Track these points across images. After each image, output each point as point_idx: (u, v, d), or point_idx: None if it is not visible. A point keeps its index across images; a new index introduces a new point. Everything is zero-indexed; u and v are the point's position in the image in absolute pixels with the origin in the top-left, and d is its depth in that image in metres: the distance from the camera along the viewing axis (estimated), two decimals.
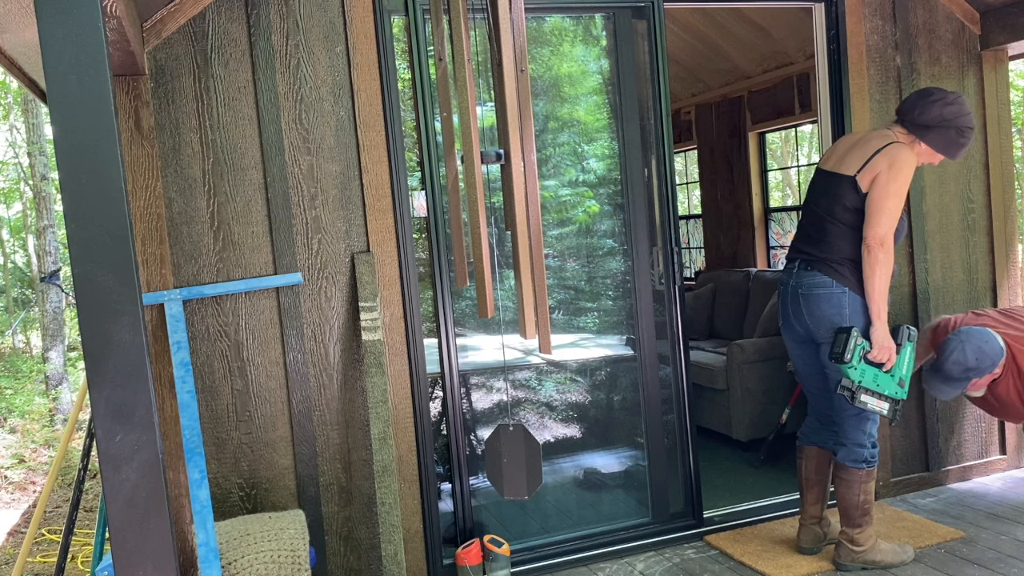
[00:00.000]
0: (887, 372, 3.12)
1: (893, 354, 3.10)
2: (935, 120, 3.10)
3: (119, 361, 1.35)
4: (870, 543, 3.27)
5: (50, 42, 1.32)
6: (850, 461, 3.22)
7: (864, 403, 3.09)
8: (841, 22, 3.88)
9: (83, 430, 5.36)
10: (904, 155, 3.05)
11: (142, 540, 1.36)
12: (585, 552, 3.58)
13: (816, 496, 3.45)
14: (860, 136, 3.25)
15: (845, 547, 3.29)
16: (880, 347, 3.07)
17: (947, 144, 3.14)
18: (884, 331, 3.07)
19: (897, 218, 3.05)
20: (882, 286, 3.03)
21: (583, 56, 3.90)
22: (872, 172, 3.05)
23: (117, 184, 1.35)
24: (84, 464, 3.39)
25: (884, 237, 3.00)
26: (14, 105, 11.14)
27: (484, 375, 3.76)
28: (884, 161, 3.04)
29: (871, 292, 3.04)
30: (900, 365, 3.14)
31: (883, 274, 3.02)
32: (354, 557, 3.26)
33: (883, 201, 3.01)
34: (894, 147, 3.07)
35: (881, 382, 3.10)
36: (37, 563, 4.59)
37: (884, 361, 3.09)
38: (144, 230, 2.96)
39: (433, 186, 3.33)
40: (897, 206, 3.03)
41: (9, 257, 13.10)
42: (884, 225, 3.00)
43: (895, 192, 3.01)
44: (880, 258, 3.00)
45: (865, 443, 3.21)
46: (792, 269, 3.26)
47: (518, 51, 2.04)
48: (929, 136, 3.13)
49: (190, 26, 3.02)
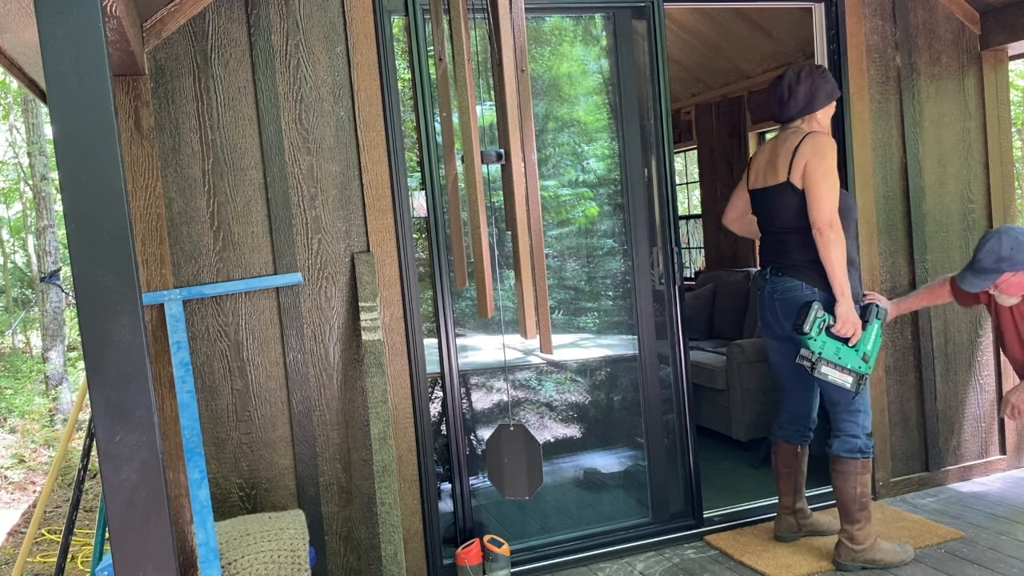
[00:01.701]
0: (852, 347, 3.19)
1: (859, 329, 3.17)
2: (808, 92, 3.26)
3: (119, 361, 1.35)
4: (870, 542, 3.28)
5: (50, 42, 1.32)
6: (844, 451, 3.26)
7: (825, 375, 3.18)
8: (841, 22, 3.88)
9: (83, 430, 5.37)
10: (821, 139, 3.19)
11: (142, 540, 1.36)
12: (585, 552, 3.58)
13: (787, 487, 3.56)
14: (770, 146, 3.36)
15: (845, 546, 3.30)
16: (844, 322, 3.15)
17: (830, 91, 3.29)
18: (848, 307, 3.15)
19: (835, 198, 3.15)
20: (841, 264, 3.12)
21: (583, 56, 3.90)
22: (800, 166, 3.18)
23: (117, 184, 1.35)
24: (84, 464, 3.39)
25: (831, 218, 3.11)
26: (14, 105, 11.14)
27: (484, 375, 3.76)
28: (807, 150, 3.17)
29: (831, 271, 3.13)
30: (865, 340, 3.21)
31: (838, 253, 3.11)
32: (354, 557, 3.26)
33: (819, 185, 3.13)
34: (810, 136, 3.21)
35: (843, 355, 3.18)
36: (37, 563, 4.59)
37: (849, 336, 3.17)
38: (144, 230, 2.96)
39: (433, 186, 3.33)
40: (832, 187, 3.14)
41: (9, 257, 13.10)
42: (826, 207, 3.12)
43: (826, 173, 3.13)
44: (831, 238, 3.11)
45: (858, 434, 3.26)
46: (766, 275, 3.39)
47: (518, 51, 2.04)
48: (818, 101, 3.26)
49: (190, 26, 3.02)
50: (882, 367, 4.00)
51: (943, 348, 4.12)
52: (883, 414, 4.01)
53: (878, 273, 3.98)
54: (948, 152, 4.09)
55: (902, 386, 4.05)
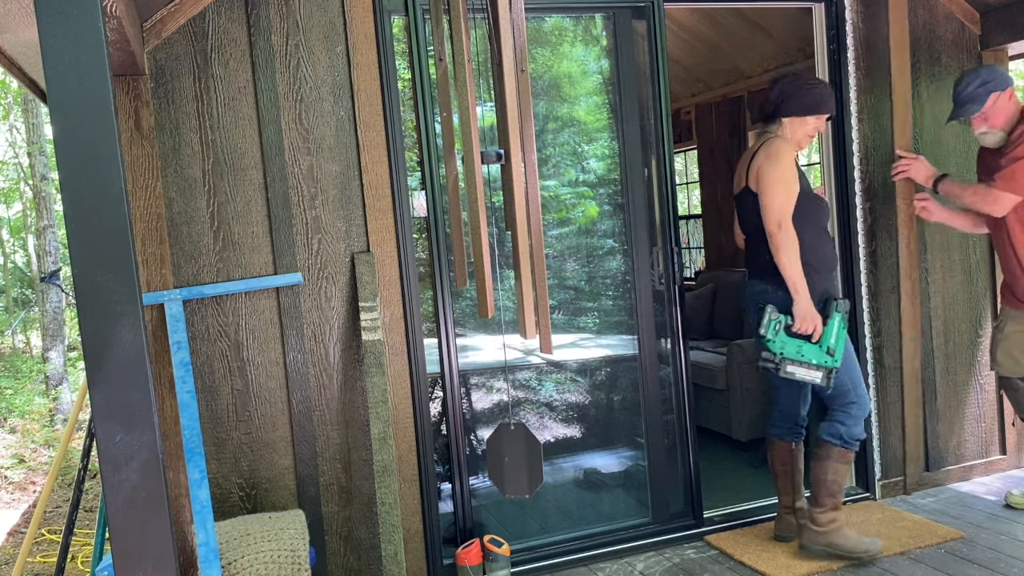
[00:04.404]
0: (815, 343, 3.22)
1: (819, 326, 3.21)
2: (777, 96, 3.31)
3: (119, 361, 1.34)
4: (832, 526, 3.34)
5: (50, 42, 1.32)
6: (827, 434, 3.34)
7: (791, 373, 3.23)
8: (841, 22, 3.88)
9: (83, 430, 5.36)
10: (776, 144, 3.27)
11: (142, 540, 1.36)
12: (585, 552, 3.58)
13: (784, 486, 3.59)
14: (746, 153, 3.46)
15: (807, 527, 3.40)
16: (802, 319, 3.19)
17: (805, 104, 3.29)
18: (805, 305, 3.19)
19: (786, 201, 3.21)
20: (794, 263, 3.18)
21: (583, 56, 3.90)
22: (755, 171, 3.27)
23: (117, 184, 1.35)
24: (84, 464, 3.39)
25: (779, 220, 3.18)
26: (14, 105, 11.14)
27: (484, 375, 3.76)
28: (762, 155, 3.28)
29: (784, 271, 3.19)
30: (828, 335, 3.23)
31: (788, 254, 3.18)
32: (354, 557, 3.26)
33: (768, 189, 3.21)
34: (767, 142, 3.30)
35: (806, 352, 3.22)
36: (37, 563, 4.59)
37: (809, 333, 3.20)
38: (144, 230, 2.96)
39: (433, 186, 3.33)
40: (785, 190, 3.20)
41: (9, 257, 13.10)
42: (774, 210, 3.19)
43: (777, 178, 3.20)
44: (780, 239, 3.18)
45: (846, 422, 3.31)
46: (745, 280, 3.50)
47: (518, 51, 2.04)
48: (788, 108, 3.29)
49: (190, 26, 3.01)
50: (883, 367, 4.00)
51: (943, 348, 4.12)
52: (883, 414, 4.01)
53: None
54: (948, 152, 4.09)
55: (902, 386, 4.05)
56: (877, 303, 3.99)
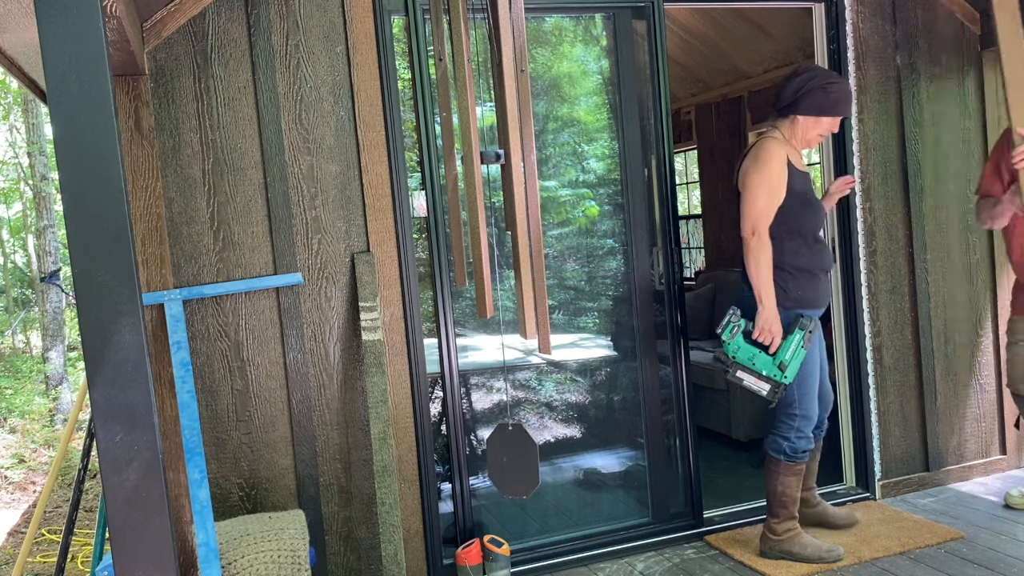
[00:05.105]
0: (771, 355, 3.19)
1: (777, 338, 3.17)
2: (794, 91, 3.21)
3: (119, 361, 1.35)
4: (788, 535, 3.37)
5: (50, 42, 1.32)
6: (771, 450, 3.36)
7: (739, 379, 3.21)
8: (841, 22, 3.88)
9: (83, 430, 5.36)
10: (766, 145, 3.20)
11: (142, 540, 1.36)
12: (585, 552, 3.58)
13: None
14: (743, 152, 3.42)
15: (765, 535, 3.44)
16: (761, 328, 3.16)
17: (820, 105, 3.20)
18: (768, 315, 3.15)
19: (765, 206, 3.14)
20: (762, 272, 3.14)
21: (583, 56, 3.90)
22: (742, 172, 3.24)
23: (117, 184, 1.35)
24: (84, 464, 3.39)
25: (753, 225, 3.15)
26: (14, 105, 11.14)
27: (484, 375, 3.76)
28: (749, 157, 3.23)
29: (753, 278, 3.16)
30: (784, 350, 3.18)
31: (760, 261, 3.14)
32: (354, 557, 3.26)
33: (748, 192, 3.17)
34: (758, 143, 3.24)
35: (758, 362, 3.19)
36: (37, 563, 4.59)
37: (767, 343, 3.18)
38: (144, 230, 2.96)
39: (433, 186, 3.33)
40: (766, 194, 3.14)
41: (9, 257, 13.10)
42: (751, 216, 3.15)
43: (759, 182, 3.15)
44: (752, 246, 3.15)
45: (789, 436, 3.31)
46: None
47: (518, 51, 2.04)
48: (800, 107, 3.21)
49: (190, 26, 3.01)
50: (883, 367, 4.00)
51: (943, 348, 4.12)
52: (883, 414, 4.01)
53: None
54: (948, 152, 4.09)
55: (902, 386, 4.05)
56: (877, 303, 3.99)
